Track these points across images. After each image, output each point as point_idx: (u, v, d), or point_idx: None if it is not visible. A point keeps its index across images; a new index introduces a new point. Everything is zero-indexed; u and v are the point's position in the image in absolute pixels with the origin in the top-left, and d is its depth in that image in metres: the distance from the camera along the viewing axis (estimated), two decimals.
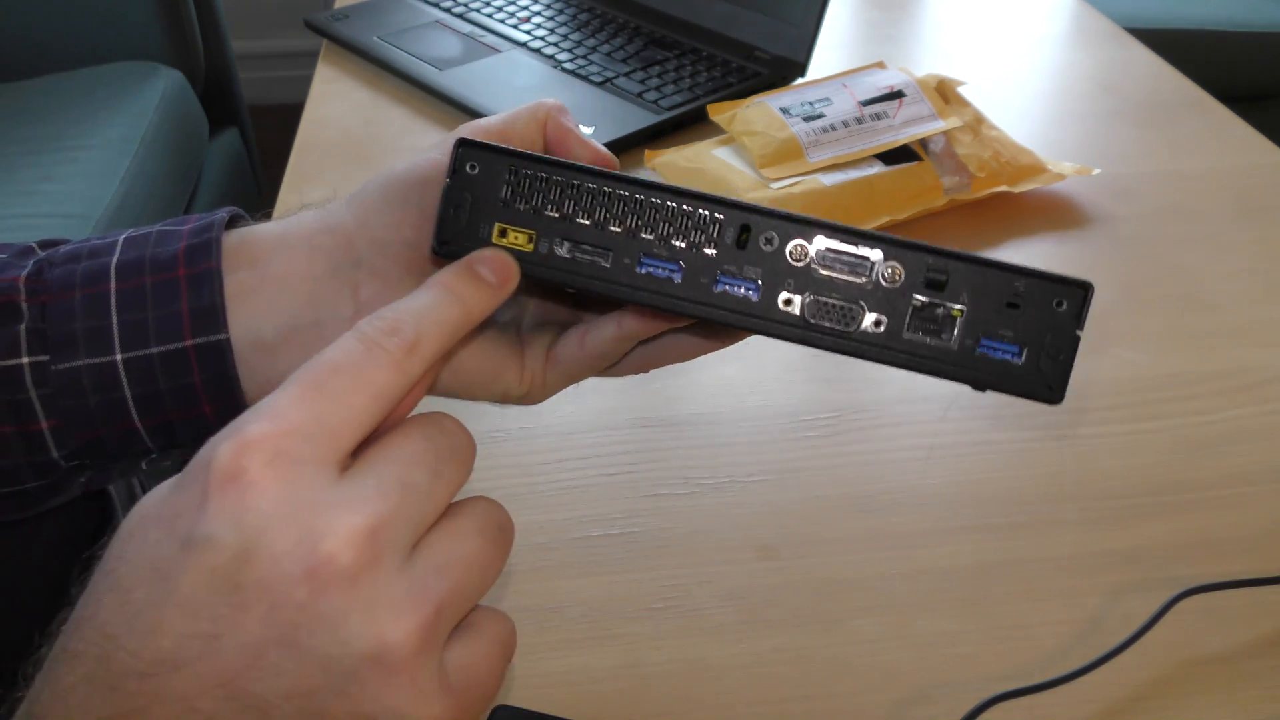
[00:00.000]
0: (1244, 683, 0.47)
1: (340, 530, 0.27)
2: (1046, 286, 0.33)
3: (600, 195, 0.34)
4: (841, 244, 0.33)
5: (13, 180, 1.29)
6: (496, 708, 0.45)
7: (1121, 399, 0.63)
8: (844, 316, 0.33)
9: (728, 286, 0.34)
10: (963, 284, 0.33)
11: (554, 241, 0.34)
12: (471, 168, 0.34)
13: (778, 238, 0.33)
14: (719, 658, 0.49)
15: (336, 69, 1.02)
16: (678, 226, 0.34)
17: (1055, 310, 0.33)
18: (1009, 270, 0.33)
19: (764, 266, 0.34)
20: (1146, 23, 1.67)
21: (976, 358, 0.33)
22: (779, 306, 0.34)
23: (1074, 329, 0.33)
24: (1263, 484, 0.57)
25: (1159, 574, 0.52)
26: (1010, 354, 0.33)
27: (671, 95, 0.92)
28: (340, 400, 0.28)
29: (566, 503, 0.56)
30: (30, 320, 0.37)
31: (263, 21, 2.44)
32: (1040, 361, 0.33)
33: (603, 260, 0.34)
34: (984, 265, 0.33)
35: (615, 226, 0.34)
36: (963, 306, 0.33)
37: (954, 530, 0.55)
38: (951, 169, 0.79)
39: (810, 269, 0.33)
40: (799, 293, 0.33)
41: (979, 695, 0.45)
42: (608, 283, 0.34)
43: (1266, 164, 0.86)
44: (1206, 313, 0.70)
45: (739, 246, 0.34)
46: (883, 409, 0.62)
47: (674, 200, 0.34)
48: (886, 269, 0.33)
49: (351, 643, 0.27)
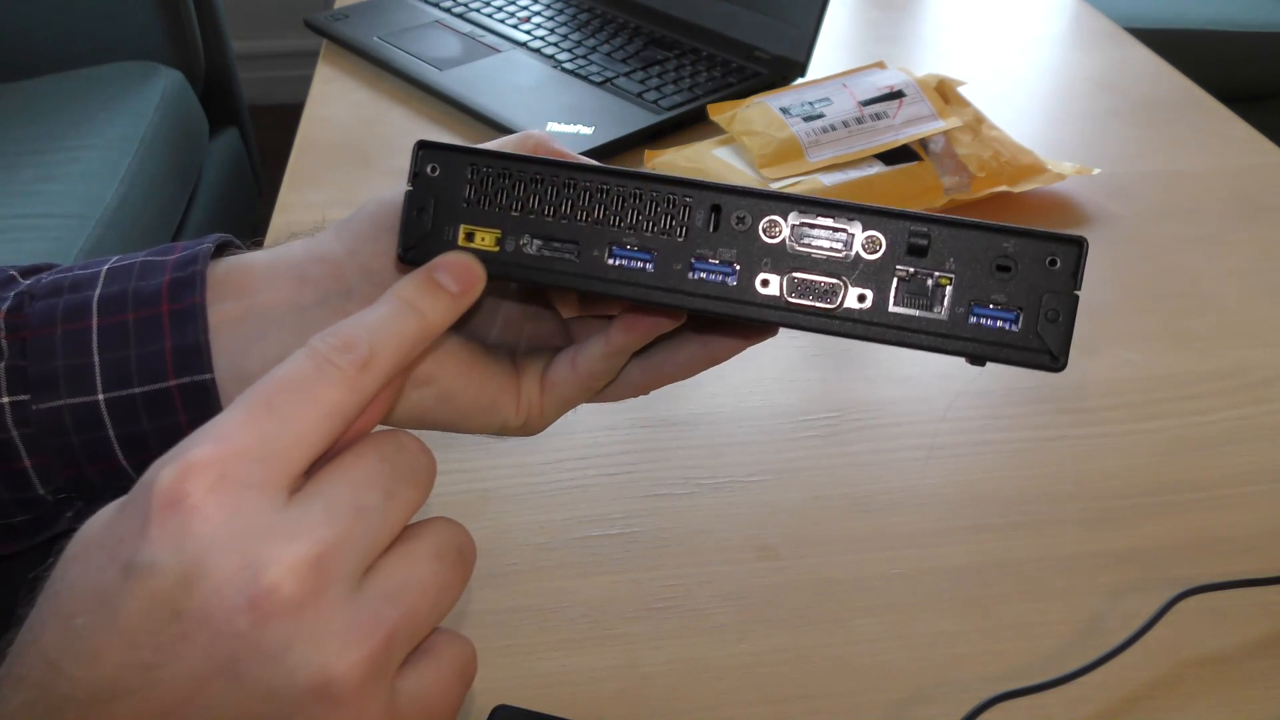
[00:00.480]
0: (1244, 683, 0.47)
1: (284, 558, 0.26)
2: (1038, 245, 0.31)
3: (564, 186, 0.33)
4: (816, 217, 0.32)
5: (13, 180, 1.29)
6: (496, 708, 0.45)
7: (1121, 399, 0.63)
8: (826, 293, 0.32)
9: (703, 273, 0.32)
10: (948, 249, 0.31)
11: (521, 239, 0.33)
12: (433, 170, 0.33)
13: (750, 216, 0.32)
14: (719, 658, 0.49)
15: (336, 69, 1.02)
16: (646, 213, 0.32)
17: (1050, 270, 0.31)
18: (997, 231, 0.31)
19: (738, 248, 0.32)
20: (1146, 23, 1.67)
21: (970, 327, 0.31)
22: (757, 289, 0.32)
23: (1072, 288, 0.31)
24: (1263, 484, 0.57)
25: (1159, 574, 0.52)
26: (1006, 321, 0.31)
27: (671, 95, 0.92)
28: (289, 420, 0.27)
29: (566, 503, 0.56)
30: (10, 358, 0.36)
31: (263, 21, 2.44)
32: (1039, 326, 0.31)
33: (572, 255, 0.33)
34: (969, 227, 0.31)
35: (582, 218, 0.33)
36: (951, 274, 0.31)
37: (954, 530, 0.55)
38: (951, 169, 0.79)
39: (786, 246, 0.32)
40: (777, 272, 0.32)
41: (979, 695, 0.45)
42: (579, 278, 0.33)
43: (1266, 164, 0.86)
44: (1206, 313, 0.70)
45: (710, 229, 0.32)
46: (883, 409, 0.62)
47: (640, 185, 0.32)
48: (866, 240, 0.31)
49: (295, 674, 0.26)
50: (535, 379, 0.39)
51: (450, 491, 0.57)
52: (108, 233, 1.24)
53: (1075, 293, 0.31)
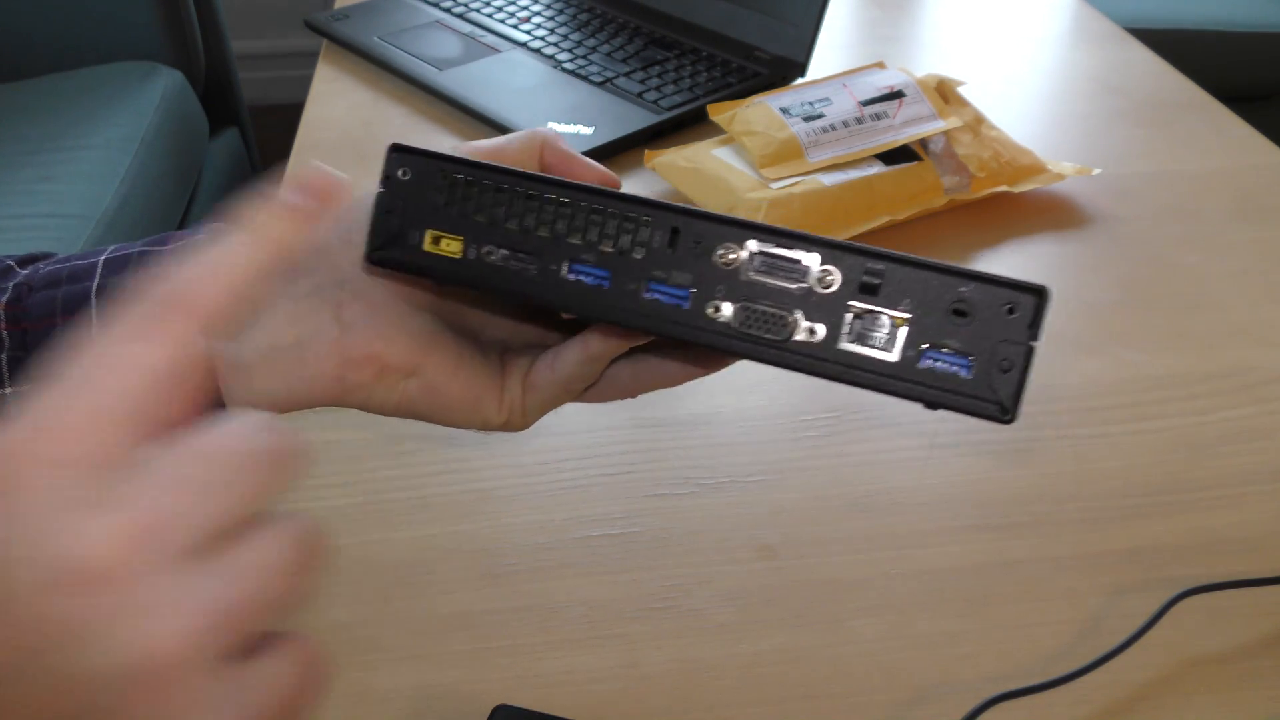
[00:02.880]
0: (1244, 683, 0.47)
1: (97, 531, 0.23)
2: (996, 291, 0.30)
3: (529, 199, 0.33)
4: (773, 247, 0.31)
5: (13, 180, 1.29)
6: (496, 708, 0.45)
7: (1121, 399, 0.63)
8: (777, 325, 0.31)
9: (657, 294, 0.32)
10: (905, 289, 0.30)
11: (484, 248, 0.33)
12: (404, 173, 0.34)
13: (707, 241, 0.32)
14: (719, 658, 0.49)
15: (336, 69, 1.02)
16: (606, 230, 0.32)
17: (1007, 318, 0.30)
18: (955, 274, 0.30)
19: (694, 272, 0.32)
20: (1147, 23, 1.67)
21: (921, 371, 0.31)
22: (709, 315, 0.32)
23: (1028, 339, 0.30)
24: (1263, 484, 0.57)
25: (1159, 574, 0.52)
26: (959, 367, 0.30)
27: (671, 95, 0.92)
28: (105, 388, 0.24)
29: (566, 503, 0.56)
30: (11, 348, 0.37)
31: (263, 21, 2.44)
32: (991, 376, 0.30)
33: (531, 266, 0.33)
34: (927, 269, 0.30)
35: (544, 231, 0.33)
36: (905, 314, 0.30)
37: (954, 530, 0.55)
38: (951, 169, 0.79)
39: (741, 274, 0.31)
40: (730, 300, 0.32)
41: (979, 695, 0.45)
42: (537, 289, 0.33)
43: (1266, 164, 0.86)
44: (1206, 313, 0.70)
45: (668, 251, 0.32)
46: (883, 409, 0.62)
47: (602, 202, 0.32)
48: (822, 273, 0.31)
49: (110, 656, 0.23)
50: (519, 379, 0.39)
51: (450, 491, 0.57)
52: (108, 233, 1.24)
53: (1032, 344, 0.30)
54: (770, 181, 0.75)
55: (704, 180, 0.78)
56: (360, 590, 0.52)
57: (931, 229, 0.78)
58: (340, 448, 0.60)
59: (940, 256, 0.30)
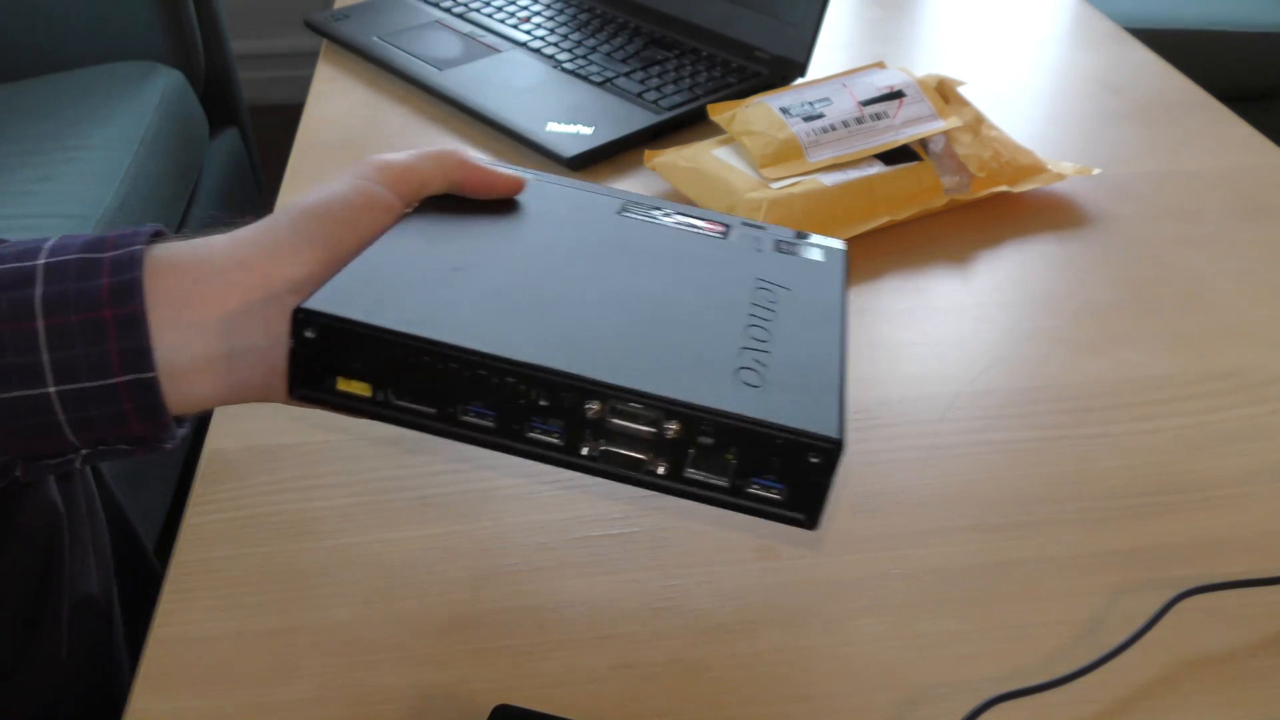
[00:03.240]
0: (1244, 683, 0.47)
1: None
2: (801, 444, 0.36)
3: (423, 358, 0.37)
4: (627, 404, 0.37)
5: (13, 180, 1.29)
6: (496, 708, 0.45)
7: (1121, 399, 0.63)
8: (633, 464, 0.38)
9: (538, 432, 0.38)
10: (733, 438, 0.37)
11: (389, 393, 0.38)
12: (310, 333, 0.37)
13: (574, 399, 0.37)
14: (719, 658, 0.49)
15: (336, 69, 1.02)
16: (492, 389, 0.37)
17: (810, 462, 0.36)
18: (772, 429, 0.36)
19: (565, 420, 0.37)
20: (1147, 23, 1.68)
21: (748, 493, 0.38)
22: (579, 450, 0.38)
23: (825, 479, 0.37)
24: (1263, 484, 0.57)
25: (1159, 574, 0.52)
26: (776, 490, 0.37)
27: (671, 95, 0.92)
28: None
29: (566, 503, 0.56)
30: None
31: (263, 21, 2.44)
32: (800, 498, 0.37)
33: (432, 409, 0.38)
34: (751, 424, 0.36)
35: (440, 386, 0.38)
36: (735, 453, 0.37)
37: (954, 530, 0.55)
38: (951, 169, 0.79)
39: (604, 423, 0.37)
40: (595, 440, 0.38)
41: (979, 695, 0.45)
42: (437, 426, 0.38)
43: (1266, 164, 0.86)
44: (1206, 313, 0.70)
45: (544, 404, 0.37)
46: (883, 409, 0.62)
47: (487, 369, 0.37)
48: (670, 426, 0.37)
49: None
50: None
51: (450, 491, 0.57)
52: None
53: (825, 482, 0.37)
54: (770, 181, 0.75)
55: (704, 180, 0.78)
56: (360, 590, 0.52)
57: (931, 229, 0.78)
58: (340, 448, 0.60)
59: (940, 257, 0.31)
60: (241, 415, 0.62)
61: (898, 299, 0.71)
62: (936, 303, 0.71)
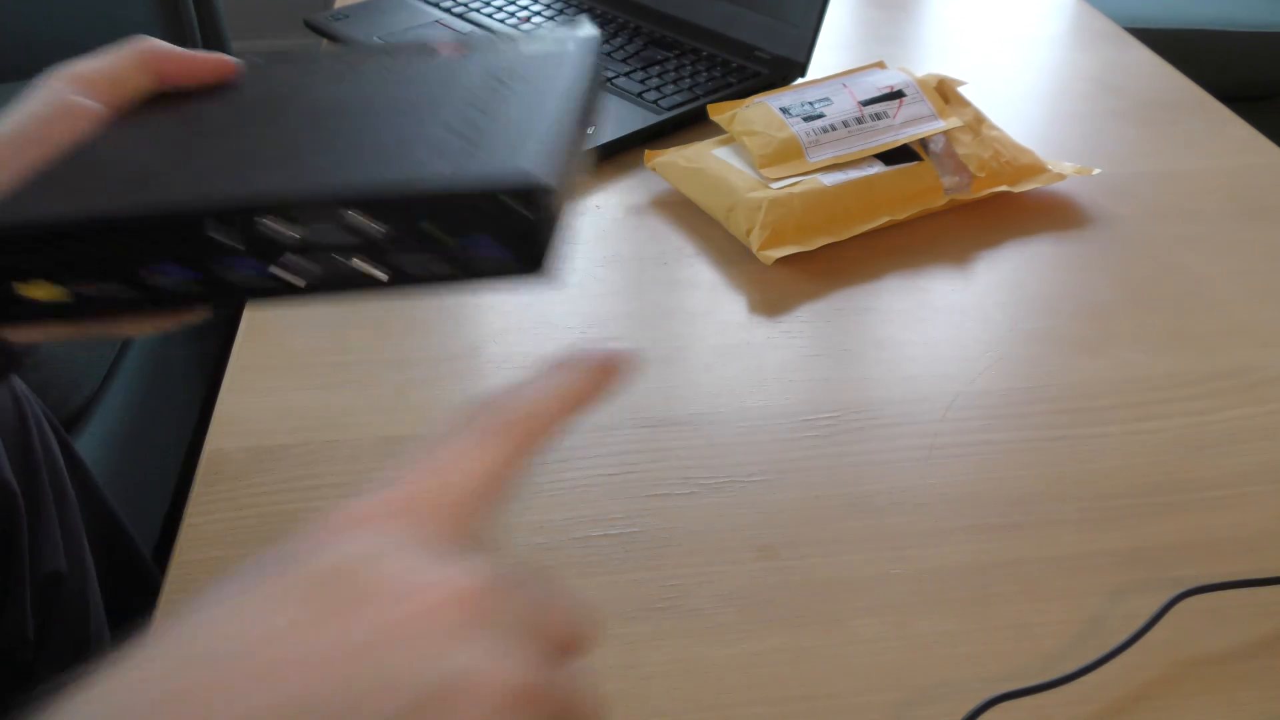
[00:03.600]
0: (1244, 683, 0.47)
1: (452, 578, 0.25)
2: (496, 197, 0.32)
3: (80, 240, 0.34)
4: (306, 213, 0.33)
5: None
6: None
7: (1121, 399, 0.63)
8: (348, 275, 0.34)
9: (239, 272, 0.34)
10: (429, 212, 0.33)
11: (74, 287, 0.34)
12: None
13: (244, 221, 0.33)
14: (719, 658, 0.49)
15: None
16: (165, 243, 0.34)
17: (517, 212, 0.33)
18: (461, 190, 0.32)
19: (255, 252, 0.34)
20: (1147, 23, 1.68)
21: (474, 267, 0.34)
22: (286, 282, 0.34)
23: (541, 226, 0.33)
24: (1263, 484, 0.57)
25: (1159, 574, 0.52)
26: (500, 253, 0.33)
27: (671, 95, 0.92)
28: (453, 476, 0.27)
29: (566, 503, 0.56)
30: None
31: (263, 21, 2.44)
32: (525, 251, 0.33)
33: (122, 285, 0.34)
34: (437, 193, 0.33)
35: (113, 258, 0.34)
36: (439, 230, 0.33)
37: (954, 530, 0.55)
38: (951, 169, 0.79)
39: (285, 239, 0.34)
40: (303, 264, 0.34)
41: (979, 695, 0.45)
42: (145, 306, 0.35)
43: (1266, 164, 0.86)
44: (1206, 313, 0.70)
45: (222, 238, 0.34)
46: (883, 409, 0.62)
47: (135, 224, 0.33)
48: (355, 220, 0.33)
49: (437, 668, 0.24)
50: None
51: None
52: None
53: (547, 225, 0.33)
54: (770, 181, 0.75)
55: (704, 180, 0.78)
56: None
57: (932, 229, 0.78)
58: (340, 448, 0.60)
59: (940, 257, 0.31)
60: (241, 415, 0.62)
61: (898, 299, 0.71)
62: (936, 303, 0.71)
